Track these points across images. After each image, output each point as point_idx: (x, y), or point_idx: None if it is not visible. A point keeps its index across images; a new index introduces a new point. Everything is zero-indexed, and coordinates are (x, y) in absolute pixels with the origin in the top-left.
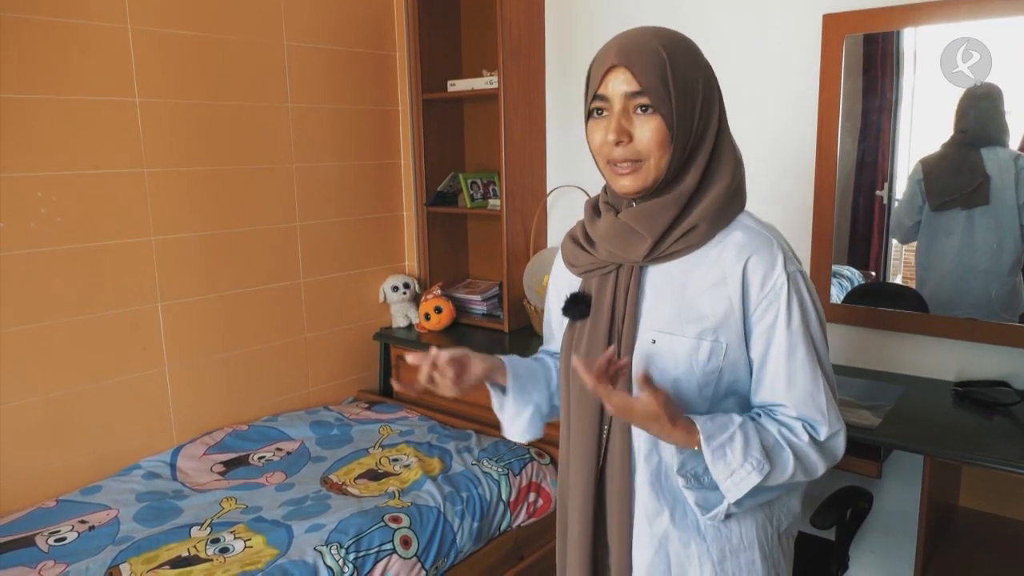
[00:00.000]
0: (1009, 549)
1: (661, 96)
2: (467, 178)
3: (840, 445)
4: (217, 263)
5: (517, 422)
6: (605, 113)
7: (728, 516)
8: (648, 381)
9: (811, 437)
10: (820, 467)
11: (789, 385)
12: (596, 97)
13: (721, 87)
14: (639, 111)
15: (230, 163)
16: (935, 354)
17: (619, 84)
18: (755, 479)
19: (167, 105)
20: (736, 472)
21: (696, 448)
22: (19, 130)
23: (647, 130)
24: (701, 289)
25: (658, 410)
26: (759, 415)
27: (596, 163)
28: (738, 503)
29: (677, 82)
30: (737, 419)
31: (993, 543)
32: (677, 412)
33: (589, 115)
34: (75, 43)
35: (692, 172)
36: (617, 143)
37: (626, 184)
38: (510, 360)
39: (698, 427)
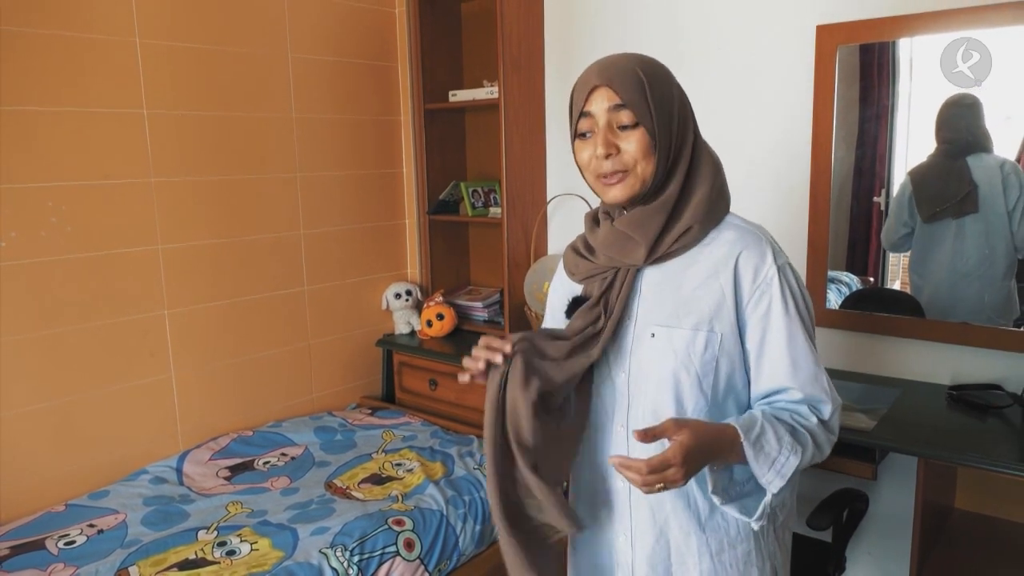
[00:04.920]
0: (1004, 550)
1: (642, 110)
2: (468, 186)
3: (838, 422)
4: (223, 271)
5: None
6: (589, 135)
7: (772, 512)
8: (650, 433)
9: (818, 418)
10: (827, 447)
11: (794, 369)
12: (583, 115)
13: (719, 96)
14: (621, 129)
15: (235, 173)
16: (930, 358)
17: (602, 101)
18: (794, 462)
19: (174, 116)
20: (776, 460)
21: (723, 464)
22: (30, 141)
23: (632, 142)
24: (696, 284)
25: (686, 439)
26: (764, 410)
27: (585, 179)
28: (776, 496)
29: (655, 97)
30: (756, 413)
31: (988, 544)
32: (704, 424)
33: (576, 136)
34: (85, 56)
35: (675, 180)
36: (607, 156)
37: (616, 193)
38: None
39: (735, 424)
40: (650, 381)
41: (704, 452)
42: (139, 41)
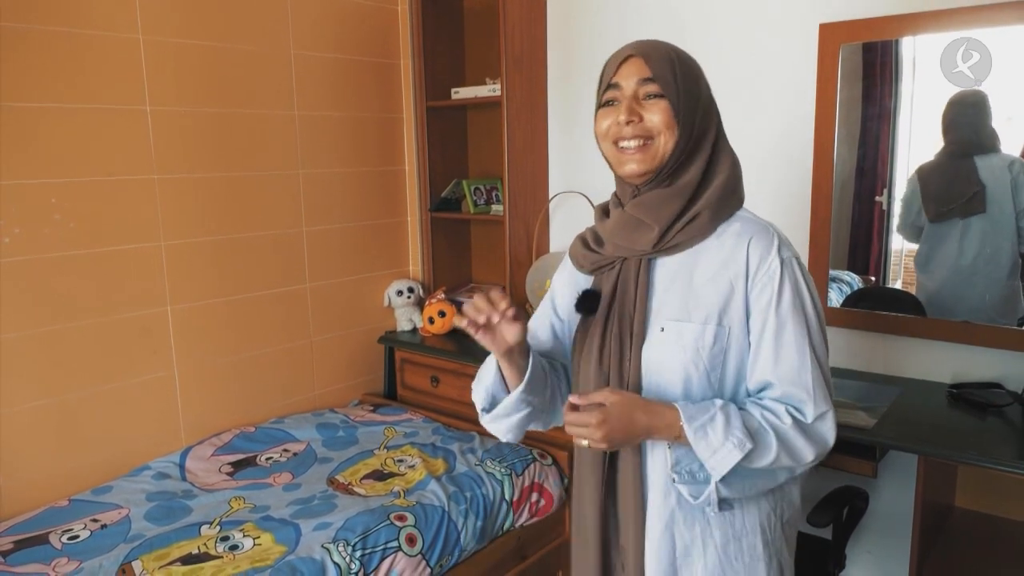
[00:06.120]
0: (1004, 548)
1: (669, 84)
2: (470, 184)
3: (828, 430)
4: (225, 268)
5: (506, 420)
6: (615, 103)
7: (723, 502)
8: (584, 397)
9: (795, 420)
10: (807, 453)
11: (776, 362)
12: (610, 86)
13: (721, 95)
14: (648, 98)
15: (238, 170)
16: (931, 357)
17: (632, 72)
18: (736, 456)
19: (177, 113)
20: (718, 451)
21: (681, 436)
22: (33, 138)
23: (656, 111)
24: (706, 277)
25: (610, 404)
26: (744, 404)
27: (602, 151)
28: (728, 486)
29: (684, 77)
30: (718, 403)
31: (988, 542)
32: (641, 400)
33: (600, 106)
34: (89, 53)
35: (695, 166)
36: (628, 122)
37: (633, 166)
38: (535, 355)
39: (679, 408)
40: (660, 374)
41: (629, 424)
42: (142, 38)
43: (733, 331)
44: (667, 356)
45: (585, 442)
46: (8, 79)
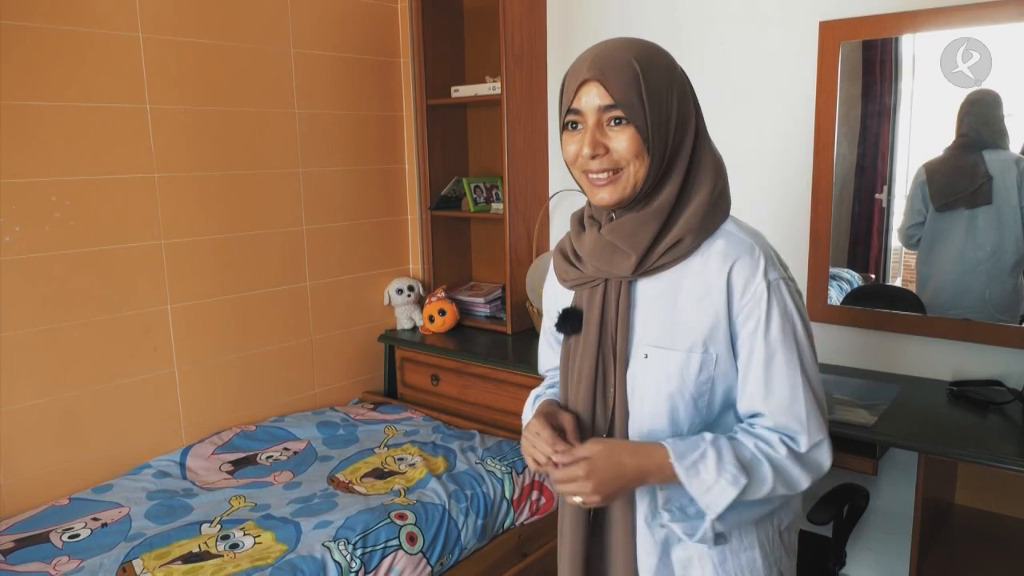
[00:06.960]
0: (1004, 546)
1: (635, 108)
2: (470, 182)
3: (824, 457)
4: (226, 266)
5: None
6: (580, 126)
7: (719, 537)
8: (570, 449)
9: (790, 450)
10: (803, 481)
11: (767, 393)
12: (570, 111)
13: (721, 94)
14: (613, 123)
15: (238, 168)
16: (931, 354)
17: (592, 98)
18: (732, 493)
19: (177, 111)
20: (712, 488)
21: (673, 475)
22: (34, 136)
23: (622, 140)
24: (690, 302)
25: (595, 456)
26: (736, 432)
27: (572, 175)
28: (723, 521)
29: (651, 95)
30: (708, 436)
31: (988, 540)
32: (627, 443)
33: (564, 128)
34: (88, 52)
35: (670, 185)
36: (593, 157)
37: (604, 196)
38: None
39: (667, 446)
40: (644, 401)
41: (619, 471)
42: (142, 36)
43: (720, 358)
44: (652, 383)
45: (579, 499)
46: (8, 77)
